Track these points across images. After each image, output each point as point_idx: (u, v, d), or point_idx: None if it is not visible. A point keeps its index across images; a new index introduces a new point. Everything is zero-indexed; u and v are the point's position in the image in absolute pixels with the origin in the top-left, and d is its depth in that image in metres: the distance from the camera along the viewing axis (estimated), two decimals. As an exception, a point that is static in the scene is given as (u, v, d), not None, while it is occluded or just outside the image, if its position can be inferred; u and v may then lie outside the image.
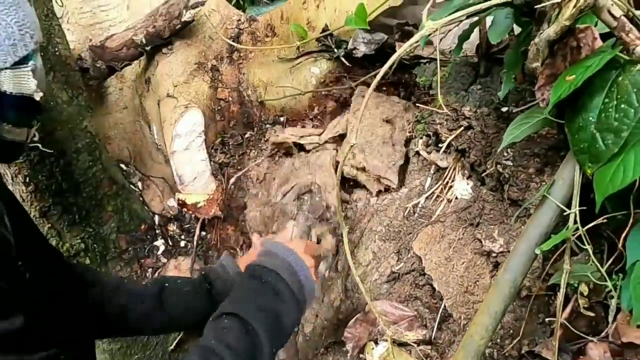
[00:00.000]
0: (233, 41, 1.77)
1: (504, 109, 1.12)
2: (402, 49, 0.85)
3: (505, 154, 1.07)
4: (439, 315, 1.20)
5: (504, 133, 1.00)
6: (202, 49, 1.79)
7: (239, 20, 1.81)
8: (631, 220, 0.88)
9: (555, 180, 0.93)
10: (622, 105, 0.80)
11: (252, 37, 1.78)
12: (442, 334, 1.20)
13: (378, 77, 0.87)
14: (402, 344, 1.19)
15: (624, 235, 0.90)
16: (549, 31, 0.81)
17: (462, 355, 0.92)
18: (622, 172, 0.81)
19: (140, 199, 1.92)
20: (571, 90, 0.83)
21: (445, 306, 1.18)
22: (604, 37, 0.89)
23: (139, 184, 1.99)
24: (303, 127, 1.81)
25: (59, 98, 1.55)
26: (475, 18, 0.93)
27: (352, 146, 0.92)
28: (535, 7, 0.81)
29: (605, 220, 0.89)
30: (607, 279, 0.91)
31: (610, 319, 0.95)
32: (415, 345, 1.16)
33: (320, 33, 1.59)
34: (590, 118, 0.85)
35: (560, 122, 0.92)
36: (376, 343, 1.20)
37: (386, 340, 1.15)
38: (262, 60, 1.77)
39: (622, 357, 0.93)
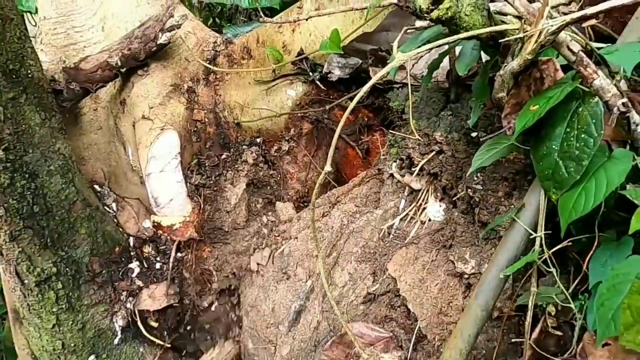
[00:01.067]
0: (209, 63, 1.79)
1: (474, 134, 1.15)
2: (375, 78, 0.88)
3: (475, 178, 1.10)
4: (414, 336, 1.22)
5: (474, 157, 1.03)
6: (178, 70, 1.79)
7: (215, 42, 1.83)
8: (595, 243, 0.92)
9: (524, 204, 0.96)
10: (583, 135, 0.84)
11: (229, 59, 1.80)
12: (417, 355, 1.21)
13: (351, 106, 0.89)
14: (378, 366, 1.20)
15: (588, 257, 0.94)
16: (513, 64, 0.84)
17: (436, 378, 0.93)
18: (584, 198, 0.84)
19: (115, 220, 1.90)
20: (535, 119, 0.87)
21: (419, 327, 1.20)
22: (565, 68, 0.94)
23: (113, 205, 1.97)
24: (279, 148, 1.83)
25: (31, 120, 1.53)
26: (445, 47, 0.96)
27: (325, 173, 0.94)
28: (500, 40, 0.85)
29: (570, 243, 0.93)
30: (571, 301, 0.95)
31: (576, 338, 0.98)
32: (391, 367, 1.18)
33: (296, 57, 1.62)
34: (554, 146, 0.89)
35: (526, 148, 0.96)
36: (353, 365, 1.21)
37: (363, 363, 1.16)
38: (238, 82, 1.79)
39: (589, 376, 0.96)
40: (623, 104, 0.77)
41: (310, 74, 1.58)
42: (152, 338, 1.77)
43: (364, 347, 1.23)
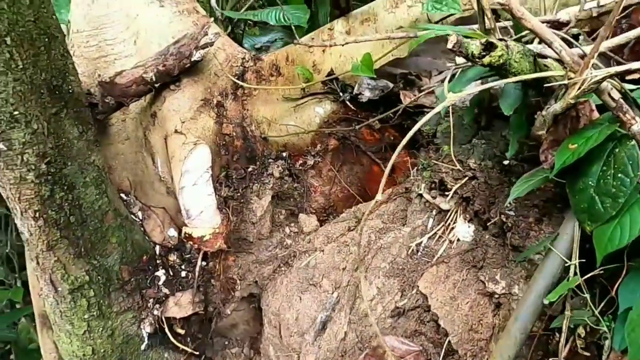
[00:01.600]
0: (238, 79, 1.84)
1: (506, 162, 1.22)
2: (425, 118, 0.94)
3: (509, 205, 1.17)
4: (443, 350, 1.29)
5: (506, 184, 1.11)
6: (208, 85, 1.85)
7: (244, 58, 1.88)
8: (624, 272, 1.00)
9: (559, 234, 1.03)
10: (619, 175, 0.91)
11: (257, 75, 1.85)
12: (446, 368, 1.29)
13: (406, 138, 0.96)
14: (410, 378, 1.27)
15: (617, 283, 1.02)
16: (556, 106, 0.92)
17: (477, 394, 1.01)
18: (620, 233, 0.92)
19: (142, 229, 1.95)
20: (574, 158, 0.94)
21: (450, 342, 1.27)
22: (599, 108, 1.01)
23: (139, 213, 2.02)
24: (304, 162, 1.89)
25: (70, 134, 1.58)
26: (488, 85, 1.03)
27: (376, 201, 1.00)
28: (544, 85, 0.92)
29: (602, 271, 1.00)
30: (602, 322, 1.03)
31: (604, 358, 1.06)
32: (423, 380, 1.25)
33: (326, 76, 1.68)
34: (590, 182, 0.96)
35: (562, 181, 1.03)
36: (386, 377, 1.28)
37: (396, 376, 1.23)
38: (266, 98, 1.85)
39: (615, 393, 1.04)
40: (660, 150, 0.85)
41: (341, 94, 1.64)
42: (178, 344, 1.82)
43: (396, 359, 1.30)
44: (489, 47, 0.88)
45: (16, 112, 1.37)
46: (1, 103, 1.34)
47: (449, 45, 0.88)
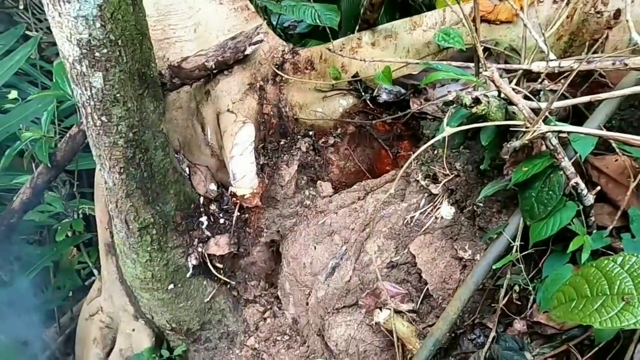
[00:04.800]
0: (278, 68, 2.26)
1: (482, 166, 1.69)
2: (432, 141, 1.40)
3: (480, 199, 1.66)
4: (422, 293, 1.82)
5: (480, 184, 1.60)
6: (253, 72, 2.26)
7: (284, 50, 2.28)
8: (548, 252, 1.51)
9: (509, 223, 1.53)
10: (550, 192, 1.40)
11: (294, 67, 2.27)
12: (423, 307, 1.82)
13: (415, 154, 1.42)
14: (397, 312, 1.80)
15: (543, 260, 1.53)
16: (516, 144, 1.38)
17: (442, 323, 1.54)
18: (546, 228, 1.42)
19: (190, 182, 2.41)
20: (525, 177, 1.43)
21: (428, 289, 1.80)
22: (548, 141, 1.48)
23: (187, 169, 2.47)
24: (326, 141, 2.34)
25: (148, 109, 1.99)
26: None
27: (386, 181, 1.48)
28: (510, 128, 1.38)
29: (534, 250, 1.51)
30: (530, 283, 1.55)
31: (529, 307, 1.59)
32: (406, 313, 1.78)
33: (352, 77, 2.11)
34: (533, 193, 1.45)
35: (515, 189, 1.52)
36: (380, 310, 1.81)
37: (388, 309, 1.76)
38: (300, 87, 2.27)
39: (533, 329, 1.58)
40: (575, 182, 1.33)
41: (362, 93, 2.08)
42: (217, 275, 2.34)
43: (389, 298, 1.83)
44: (476, 101, 1.33)
45: (118, 94, 1.78)
46: (109, 88, 1.75)
47: (450, 97, 1.33)
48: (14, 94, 2.41)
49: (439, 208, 1.87)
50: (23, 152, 2.41)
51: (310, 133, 2.32)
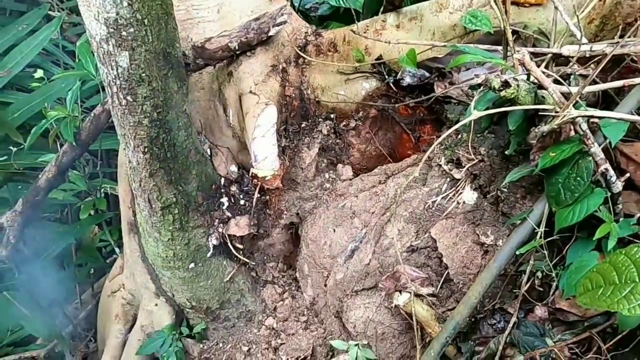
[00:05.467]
0: (300, 50, 2.24)
1: (507, 151, 1.68)
2: (453, 128, 1.39)
3: (504, 184, 1.65)
4: (443, 278, 1.82)
5: (504, 169, 1.58)
6: (276, 53, 2.25)
7: (307, 32, 2.27)
8: (573, 239, 1.50)
9: (533, 209, 1.52)
10: (578, 178, 1.38)
11: (317, 49, 2.25)
12: (443, 291, 1.83)
13: (441, 138, 1.41)
14: (417, 295, 1.81)
15: (567, 246, 1.52)
16: (545, 128, 1.36)
17: (462, 307, 1.54)
18: (572, 214, 1.40)
19: (211, 163, 2.43)
20: (552, 162, 1.41)
21: (448, 273, 1.80)
22: (577, 127, 1.45)
23: (208, 150, 2.49)
24: (347, 124, 2.34)
25: (172, 89, 2.00)
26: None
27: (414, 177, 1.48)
28: (539, 113, 1.36)
29: (558, 237, 1.50)
30: (553, 270, 1.54)
31: (551, 293, 1.58)
32: (426, 297, 1.79)
33: (375, 59, 2.09)
34: (560, 179, 1.43)
35: (542, 175, 1.50)
36: (400, 293, 1.82)
37: (408, 292, 1.77)
38: (322, 69, 2.26)
39: (554, 316, 1.58)
40: (605, 168, 1.31)
41: (386, 76, 2.06)
42: (237, 255, 2.37)
43: (409, 281, 1.83)
44: (506, 84, 1.31)
45: (143, 74, 1.79)
46: (135, 67, 1.76)
47: (478, 81, 1.31)
48: (39, 73, 2.43)
49: (461, 193, 1.86)
50: (48, 131, 2.44)
51: (332, 116, 2.31)
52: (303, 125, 2.33)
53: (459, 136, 1.81)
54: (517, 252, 1.49)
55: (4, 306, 2.81)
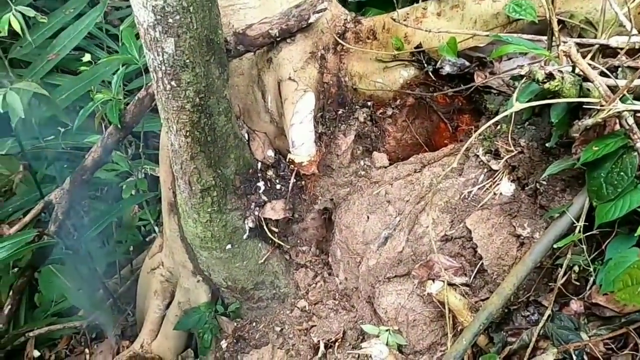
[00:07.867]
0: (339, 37, 2.25)
1: (548, 144, 1.66)
2: (496, 118, 1.38)
3: (543, 176, 1.63)
4: (476, 268, 1.83)
5: (544, 161, 1.57)
6: (315, 40, 2.26)
7: (346, 19, 2.27)
8: (613, 235, 1.48)
9: (573, 203, 1.51)
10: (622, 173, 1.36)
11: (356, 36, 2.26)
12: (476, 281, 1.84)
13: (482, 128, 1.41)
14: (450, 284, 1.82)
15: (607, 242, 1.50)
16: (588, 122, 1.35)
17: (496, 298, 1.55)
18: (614, 210, 1.39)
19: (248, 148, 2.48)
20: (595, 156, 1.39)
21: (483, 264, 1.80)
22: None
23: (246, 135, 2.54)
24: (384, 112, 2.34)
25: (214, 74, 2.05)
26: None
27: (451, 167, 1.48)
28: (583, 106, 1.34)
29: (597, 232, 1.49)
30: (591, 265, 1.53)
31: (588, 288, 1.57)
32: (459, 286, 1.80)
33: (415, 48, 2.08)
34: (602, 174, 1.42)
35: (583, 168, 1.48)
36: (433, 281, 1.84)
37: (442, 281, 1.79)
38: (360, 56, 2.26)
39: (590, 310, 1.57)
40: (651, 163, 1.29)
41: (425, 65, 2.05)
42: (272, 238, 2.42)
43: (442, 270, 1.85)
44: (550, 76, 1.30)
45: (187, 60, 1.84)
46: (179, 54, 1.81)
47: (523, 72, 1.30)
48: (87, 57, 2.52)
49: (498, 184, 1.86)
50: (94, 112, 2.54)
51: (369, 103, 2.32)
52: (340, 112, 2.35)
53: (498, 127, 1.80)
54: (555, 246, 1.49)
55: (50, 279, 2.98)
